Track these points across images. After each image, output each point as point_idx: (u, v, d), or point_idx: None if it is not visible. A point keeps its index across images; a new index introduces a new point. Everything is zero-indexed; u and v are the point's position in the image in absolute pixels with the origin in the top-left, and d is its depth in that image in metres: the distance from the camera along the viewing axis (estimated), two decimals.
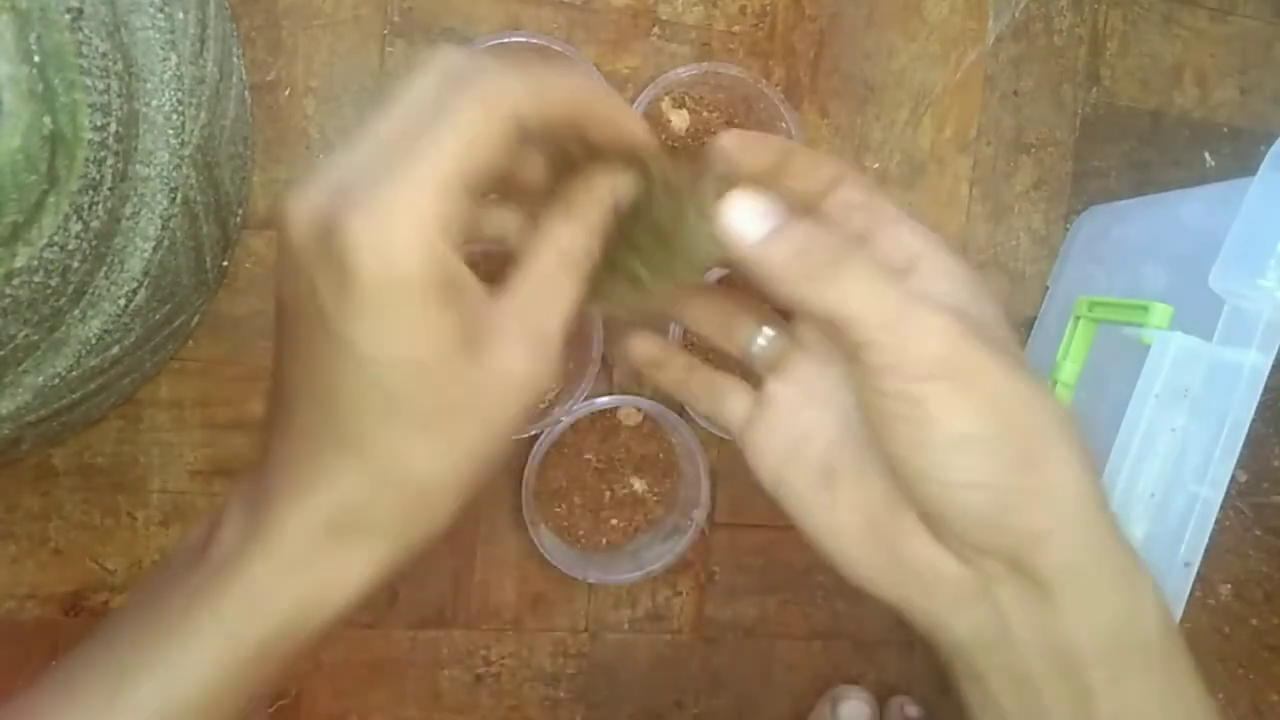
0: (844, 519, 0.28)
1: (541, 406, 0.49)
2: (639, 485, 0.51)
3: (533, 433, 0.47)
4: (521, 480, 0.47)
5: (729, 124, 0.50)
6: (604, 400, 0.48)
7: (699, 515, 0.49)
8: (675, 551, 0.49)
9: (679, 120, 0.49)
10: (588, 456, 0.50)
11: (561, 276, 0.27)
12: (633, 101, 0.47)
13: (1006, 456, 0.25)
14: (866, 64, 0.53)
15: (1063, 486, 0.25)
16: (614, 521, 0.51)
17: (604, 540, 0.51)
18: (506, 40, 0.45)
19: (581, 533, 0.51)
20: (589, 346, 0.48)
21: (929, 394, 0.25)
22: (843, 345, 0.26)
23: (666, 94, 0.49)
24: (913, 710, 0.55)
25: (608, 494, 0.51)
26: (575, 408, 0.47)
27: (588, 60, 0.46)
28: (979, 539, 0.26)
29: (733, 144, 0.29)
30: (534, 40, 0.45)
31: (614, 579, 0.49)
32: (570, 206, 0.27)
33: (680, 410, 0.49)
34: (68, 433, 0.44)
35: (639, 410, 0.50)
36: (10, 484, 0.44)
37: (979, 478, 0.25)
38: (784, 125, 0.48)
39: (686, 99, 0.50)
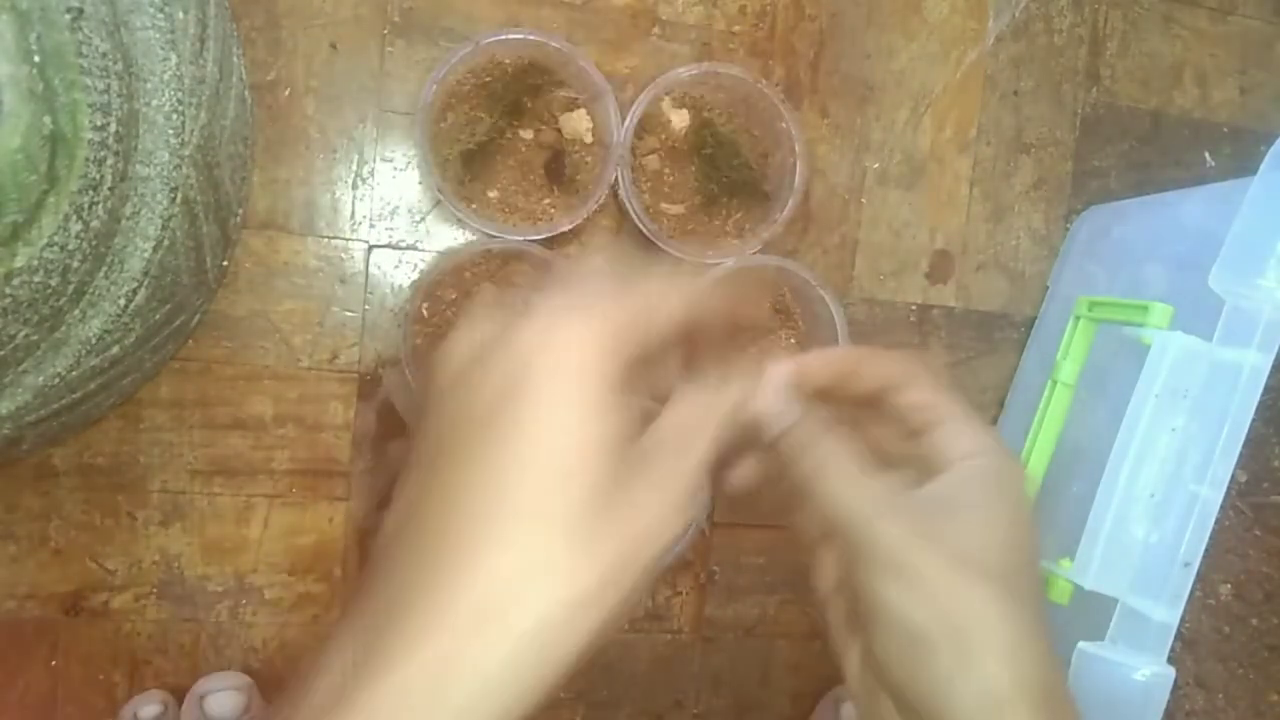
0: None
1: None
2: None
3: None
4: None
5: (729, 123, 0.50)
6: None
7: (699, 515, 0.49)
8: (675, 551, 0.49)
9: (679, 120, 0.49)
10: None
11: (706, 425, 0.28)
12: (632, 101, 0.47)
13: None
14: (866, 64, 0.53)
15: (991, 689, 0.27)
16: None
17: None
18: (505, 37, 0.45)
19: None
20: None
21: (880, 583, 0.28)
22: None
23: (667, 94, 0.49)
24: None
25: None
26: None
27: (589, 59, 0.46)
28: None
29: (797, 364, 0.32)
30: (532, 37, 0.45)
31: None
32: (727, 374, 0.30)
33: None
34: (68, 433, 0.43)
35: None
36: (10, 484, 0.44)
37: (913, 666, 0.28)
38: (784, 125, 0.48)
39: (687, 98, 0.50)
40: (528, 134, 0.48)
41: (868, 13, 0.53)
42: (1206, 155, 0.59)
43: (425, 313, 0.47)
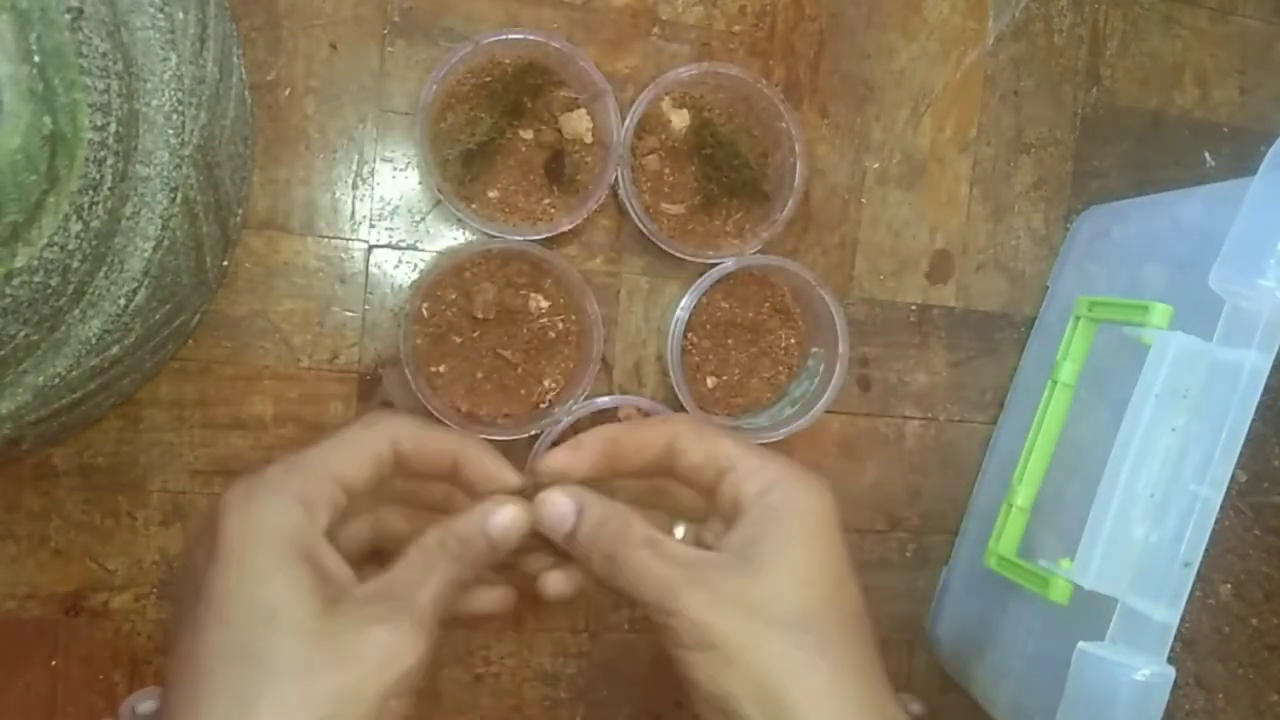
0: None
1: (542, 406, 0.49)
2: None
3: (532, 432, 0.47)
4: None
5: (729, 122, 0.50)
6: (604, 400, 0.48)
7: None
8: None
9: (679, 120, 0.49)
10: None
11: (436, 560, 0.30)
12: (632, 101, 0.47)
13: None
14: (866, 64, 0.53)
15: None
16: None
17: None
18: (505, 37, 0.45)
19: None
20: (589, 346, 0.48)
21: (691, 661, 0.29)
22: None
23: (666, 94, 0.49)
24: (916, 707, 0.55)
25: (608, 494, 0.51)
26: (575, 408, 0.47)
27: (589, 59, 0.46)
28: None
29: (553, 464, 0.34)
30: (531, 36, 0.45)
31: None
32: (454, 517, 0.31)
33: (680, 410, 0.49)
34: (68, 433, 0.44)
35: (639, 410, 0.50)
36: (10, 484, 0.44)
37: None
38: (784, 124, 0.48)
39: (687, 98, 0.50)
40: (528, 134, 0.48)
41: (868, 13, 0.53)
42: (1206, 155, 0.59)
43: (425, 312, 0.47)
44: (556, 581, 0.35)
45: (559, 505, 0.32)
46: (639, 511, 0.33)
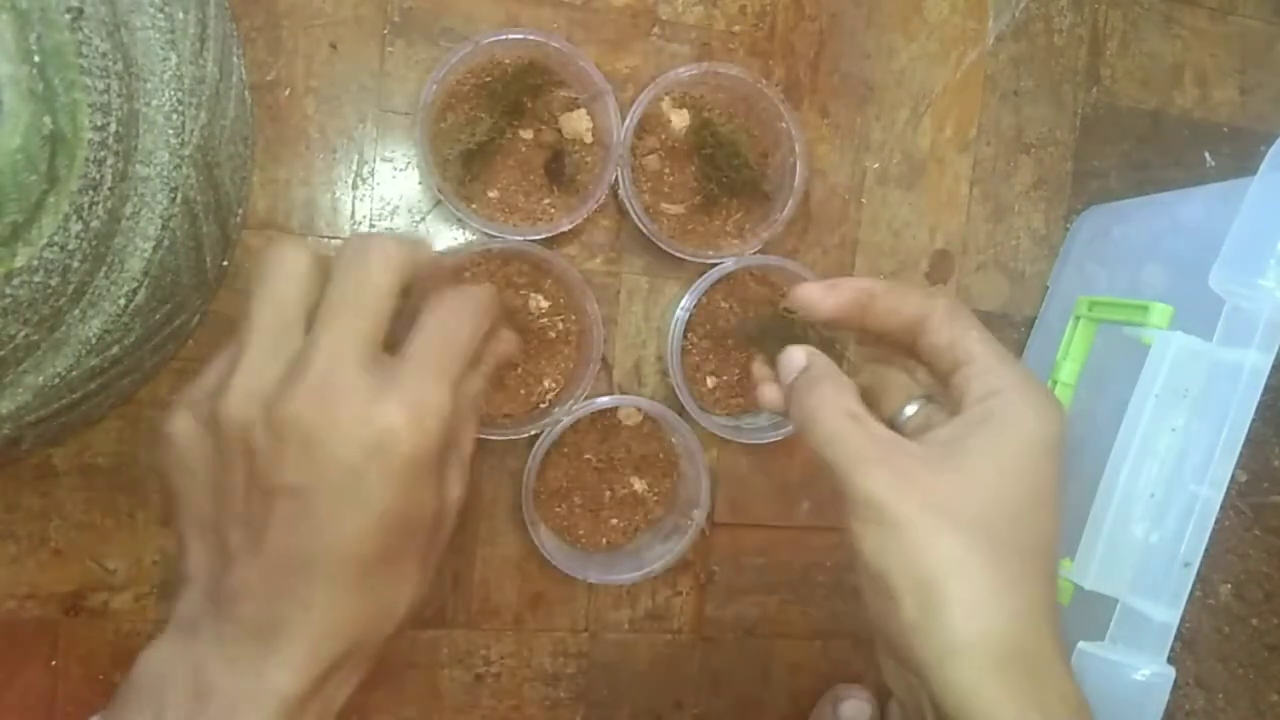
0: None
1: (541, 406, 0.49)
2: (639, 485, 0.51)
3: (532, 432, 0.47)
4: (521, 480, 0.47)
5: (730, 122, 0.50)
6: (604, 400, 0.48)
7: (699, 515, 0.49)
8: (675, 551, 0.49)
9: (679, 120, 0.49)
10: (588, 456, 0.50)
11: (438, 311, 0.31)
12: (632, 101, 0.47)
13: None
14: (866, 64, 0.53)
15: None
16: (614, 521, 0.51)
17: (604, 540, 0.51)
18: (505, 37, 0.45)
19: (582, 533, 0.51)
20: (589, 347, 0.48)
21: (858, 532, 0.29)
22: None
23: (666, 94, 0.49)
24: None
25: (608, 494, 0.51)
26: (575, 408, 0.47)
27: (589, 59, 0.46)
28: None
29: (804, 295, 0.34)
30: (531, 37, 0.45)
31: (614, 579, 0.49)
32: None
33: (680, 410, 0.49)
34: (68, 433, 0.43)
35: (639, 410, 0.50)
36: (10, 484, 0.44)
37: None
38: (784, 125, 0.48)
39: (686, 98, 0.50)
40: (528, 134, 0.48)
41: (868, 13, 0.53)
42: (1206, 155, 0.59)
43: None
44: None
45: (794, 357, 0.34)
46: (873, 380, 0.34)
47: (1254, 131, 0.60)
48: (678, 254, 0.48)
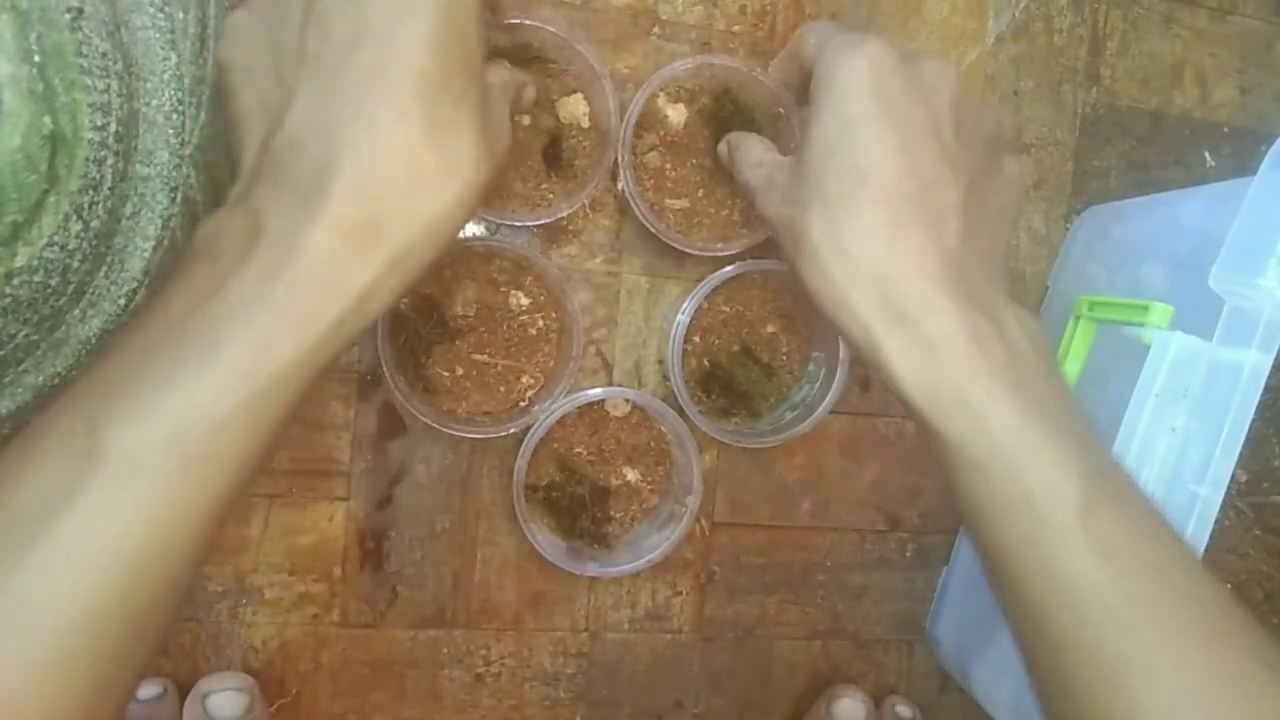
0: None
1: (521, 404, 0.49)
2: (632, 475, 0.51)
3: (512, 430, 0.47)
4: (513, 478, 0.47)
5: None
6: (594, 392, 0.48)
7: (693, 502, 0.49)
8: (672, 539, 0.49)
9: (675, 115, 0.49)
10: (578, 450, 0.50)
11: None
12: (630, 101, 0.47)
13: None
14: None
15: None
16: (610, 513, 0.51)
17: (602, 532, 0.51)
18: (504, 21, 0.45)
19: (578, 527, 0.51)
20: (569, 344, 0.48)
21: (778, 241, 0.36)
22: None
23: (662, 90, 0.49)
24: (905, 710, 0.55)
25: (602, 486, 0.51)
26: (563, 401, 0.47)
27: (585, 43, 0.45)
28: None
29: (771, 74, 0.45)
30: (528, 22, 0.44)
31: (614, 571, 0.49)
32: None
33: (681, 411, 0.49)
34: None
35: (627, 401, 0.50)
36: None
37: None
38: (781, 110, 0.48)
39: (682, 92, 0.50)
40: (524, 119, 0.48)
41: (868, 13, 0.53)
42: (1206, 155, 0.59)
43: (405, 309, 0.47)
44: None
45: (728, 140, 0.44)
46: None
47: (1254, 131, 0.60)
48: (687, 249, 0.48)
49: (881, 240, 0.31)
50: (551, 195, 0.48)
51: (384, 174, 0.27)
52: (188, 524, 0.25)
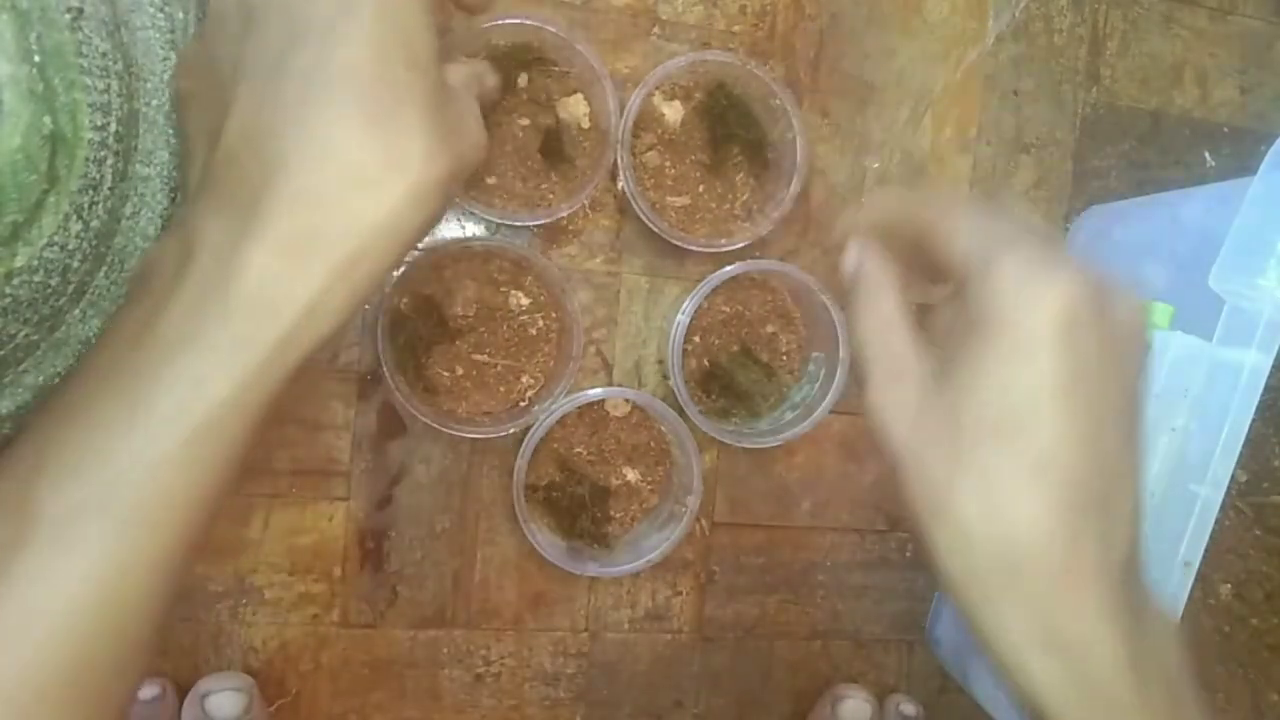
0: None
1: (521, 404, 0.49)
2: (632, 475, 0.51)
3: (511, 430, 0.47)
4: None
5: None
6: (594, 392, 0.48)
7: (693, 502, 0.49)
8: (672, 539, 0.49)
9: (672, 113, 0.49)
10: (578, 450, 0.50)
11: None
12: (628, 100, 0.47)
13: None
14: (866, 64, 0.53)
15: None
16: (610, 513, 0.51)
17: (602, 532, 0.51)
18: (502, 22, 0.45)
19: (578, 527, 0.51)
20: (568, 344, 0.48)
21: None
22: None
23: (658, 88, 0.49)
24: (909, 708, 0.55)
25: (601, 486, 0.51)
26: (563, 401, 0.47)
27: (586, 43, 0.45)
28: None
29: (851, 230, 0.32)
30: (528, 21, 0.45)
31: (614, 571, 0.49)
32: None
33: (681, 411, 0.49)
34: None
35: (627, 401, 0.50)
36: None
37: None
38: (776, 102, 0.48)
39: (678, 89, 0.50)
40: (524, 120, 0.48)
41: (868, 13, 0.53)
42: (1206, 155, 0.59)
43: (404, 309, 0.47)
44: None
45: (849, 256, 0.31)
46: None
47: (1254, 131, 0.60)
48: (690, 246, 0.48)
49: (1055, 551, 0.26)
50: (552, 195, 0.48)
51: (320, 178, 0.25)
52: (138, 575, 0.24)
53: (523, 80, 0.47)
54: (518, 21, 0.45)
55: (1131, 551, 0.28)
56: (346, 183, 0.25)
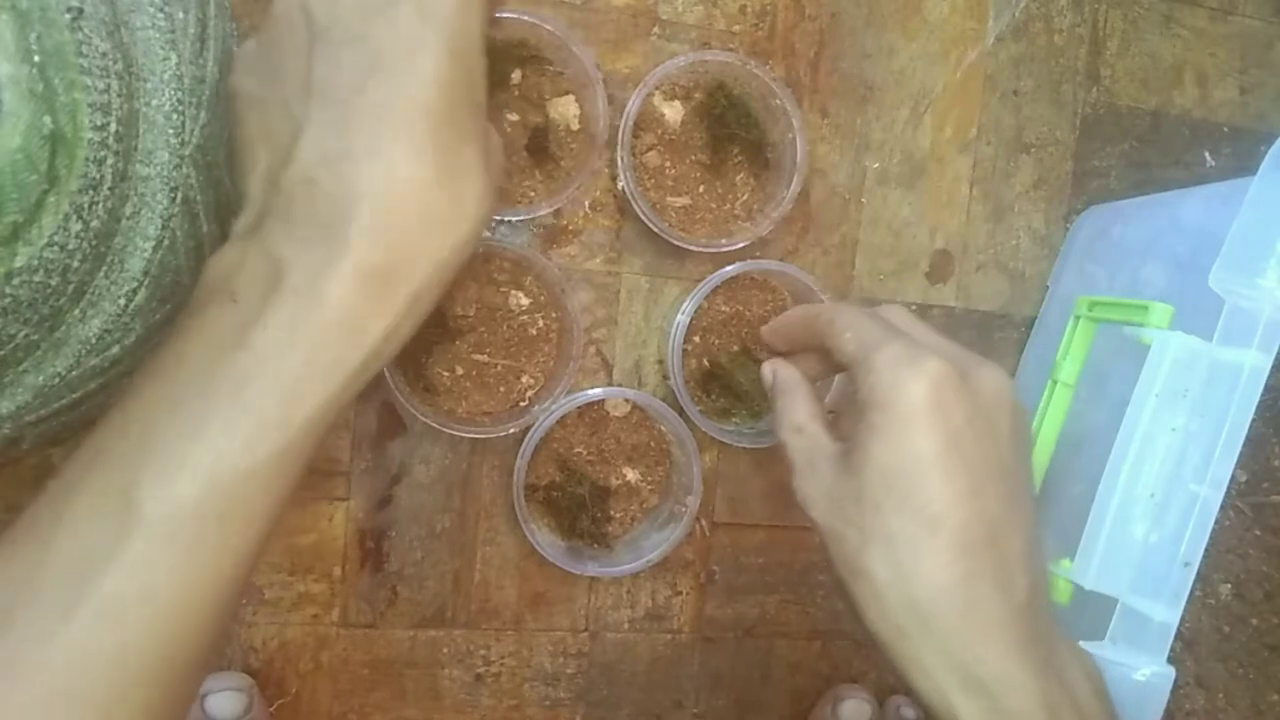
0: None
1: (521, 404, 0.49)
2: (632, 475, 0.51)
3: (512, 429, 0.47)
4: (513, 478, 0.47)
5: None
6: (594, 392, 0.48)
7: (693, 502, 0.49)
8: (672, 540, 0.49)
9: (672, 113, 0.49)
10: (578, 450, 0.50)
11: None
12: (628, 100, 0.47)
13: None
14: (866, 64, 0.53)
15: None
16: (610, 513, 0.51)
17: (601, 532, 0.51)
18: (503, 15, 0.44)
19: (578, 527, 0.51)
20: (569, 344, 0.48)
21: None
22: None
23: (658, 88, 0.49)
24: (909, 711, 0.55)
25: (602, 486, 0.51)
26: (563, 401, 0.47)
27: (582, 45, 0.45)
28: None
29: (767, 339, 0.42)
30: (525, 17, 0.44)
31: (614, 571, 0.49)
32: None
33: (681, 411, 0.49)
34: (68, 432, 0.43)
35: (627, 401, 0.50)
36: (10, 484, 0.44)
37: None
38: (776, 102, 0.48)
39: (678, 89, 0.50)
40: (514, 115, 0.48)
41: (868, 13, 0.53)
42: (1206, 155, 0.59)
43: None
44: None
45: (764, 373, 0.40)
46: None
47: (1254, 131, 0.60)
48: (691, 246, 0.48)
49: (957, 600, 0.29)
50: (533, 193, 0.48)
51: (401, 217, 0.27)
52: (224, 571, 0.26)
53: (516, 76, 0.47)
54: (516, 16, 0.45)
55: (1031, 592, 0.31)
56: (422, 223, 0.27)
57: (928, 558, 0.29)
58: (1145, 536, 0.39)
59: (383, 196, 0.26)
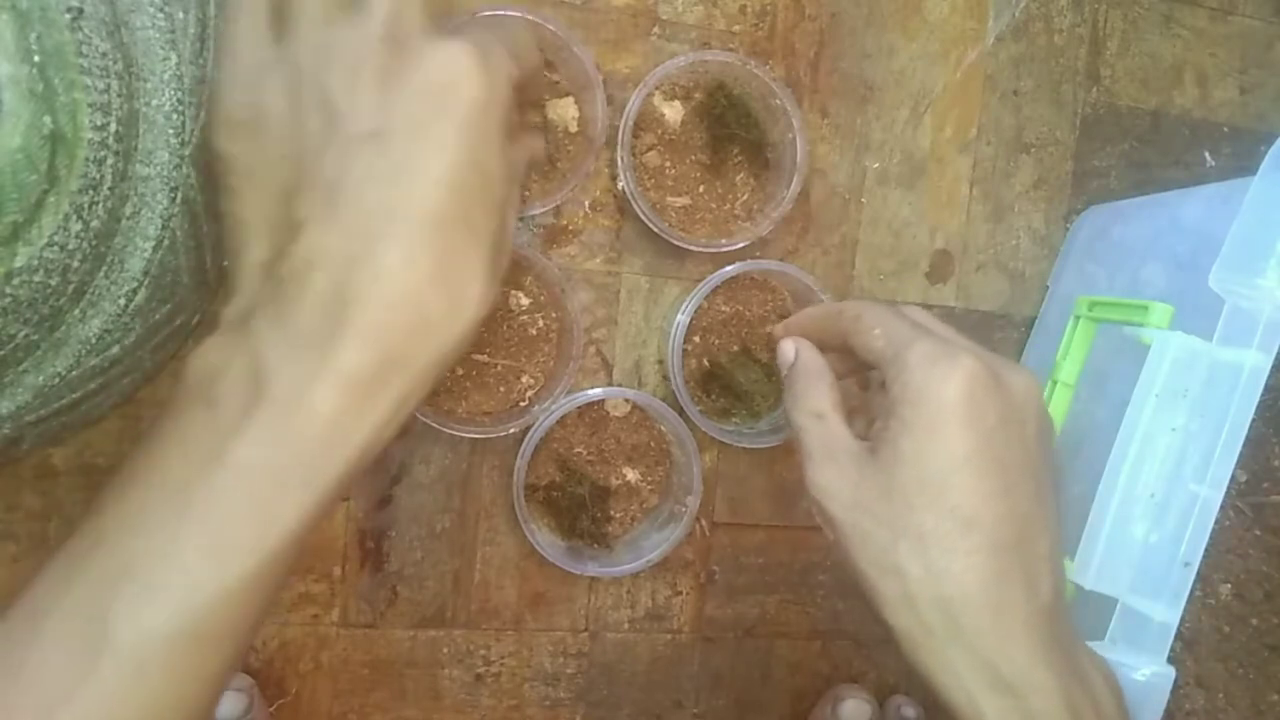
0: None
1: (521, 404, 0.49)
2: (632, 475, 0.51)
3: (512, 429, 0.47)
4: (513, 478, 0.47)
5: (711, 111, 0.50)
6: (594, 392, 0.48)
7: (693, 502, 0.49)
8: (672, 540, 0.49)
9: (672, 113, 0.49)
10: (578, 450, 0.50)
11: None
12: (628, 100, 0.47)
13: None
14: (866, 64, 0.53)
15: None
16: (610, 513, 0.51)
17: (601, 532, 0.51)
18: (501, 13, 0.44)
19: (578, 527, 0.51)
20: (569, 344, 0.48)
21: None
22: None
23: (658, 88, 0.49)
24: (910, 710, 0.55)
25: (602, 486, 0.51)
26: (563, 401, 0.47)
27: (593, 62, 0.45)
28: None
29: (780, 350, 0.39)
30: (527, 16, 0.44)
31: (614, 571, 0.49)
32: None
33: (681, 411, 0.49)
34: (68, 432, 0.43)
35: (627, 401, 0.50)
36: (10, 484, 0.44)
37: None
38: (776, 102, 0.48)
39: (678, 89, 0.50)
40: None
41: (868, 13, 0.53)
42: (1206, 155, 0.59)
43: None
44: None
45: (784, 350, 0.38)
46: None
47: (1254, 131, 0.60)
48: (691, 247, 0.48)
49: (987, 599, 0.29)
50: (527, 193, 0.48)
51: (392, 323, 0.26)
52: (201, 692, 0.25)
53: None
54: (517, 15, 0.45)
55: (1055, 594, 0.31)
56: (413, 329, 0.26)
57: (960, 557, 0.29)
58: (1145, 536, 0.39)
59: (379, 305, 0.25)
